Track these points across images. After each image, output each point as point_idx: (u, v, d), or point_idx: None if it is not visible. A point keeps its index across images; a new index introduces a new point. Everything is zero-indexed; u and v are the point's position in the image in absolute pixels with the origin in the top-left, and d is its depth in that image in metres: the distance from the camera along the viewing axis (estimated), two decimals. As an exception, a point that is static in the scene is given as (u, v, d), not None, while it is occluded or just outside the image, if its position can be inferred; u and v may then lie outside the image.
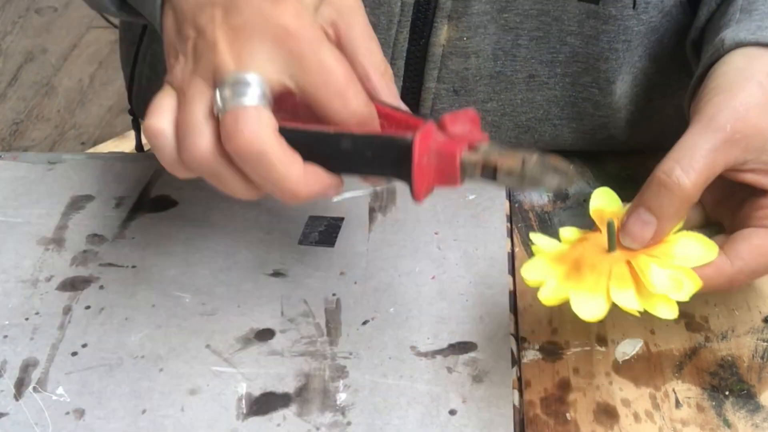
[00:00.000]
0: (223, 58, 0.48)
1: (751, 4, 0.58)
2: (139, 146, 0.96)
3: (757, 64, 0.54)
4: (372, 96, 0.50)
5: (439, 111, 0.68)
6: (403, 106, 0.52)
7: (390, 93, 0.51)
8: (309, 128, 0.49)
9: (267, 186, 0.49)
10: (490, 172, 0.48)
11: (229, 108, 0.47)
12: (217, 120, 0.48)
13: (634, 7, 0.64)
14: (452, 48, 0.66)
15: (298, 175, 0.48)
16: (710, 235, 0.53)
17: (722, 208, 0.56)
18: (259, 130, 0.47)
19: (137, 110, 0.87)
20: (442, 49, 0.66)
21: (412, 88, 0.68)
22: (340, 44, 0.51)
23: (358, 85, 0.49)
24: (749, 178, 0.53)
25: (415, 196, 0.48)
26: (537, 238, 0.55)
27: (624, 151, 0.74)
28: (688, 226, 0.54)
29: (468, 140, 0.49)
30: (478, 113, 0.50)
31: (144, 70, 0.82)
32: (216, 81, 0.48)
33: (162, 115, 0.49)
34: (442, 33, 0.65)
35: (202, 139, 0.48)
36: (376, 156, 0.49)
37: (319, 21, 0.49)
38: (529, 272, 0.53)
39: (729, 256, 0.52)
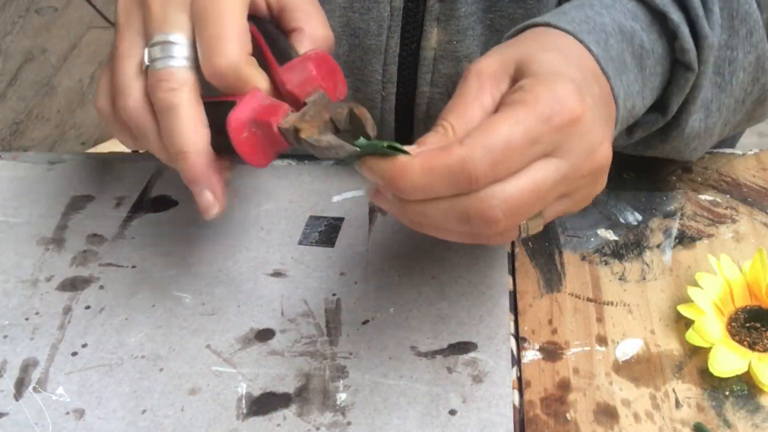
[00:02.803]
0: (154, 18, 0.52)
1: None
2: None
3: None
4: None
5: (434, 115, 0.68)
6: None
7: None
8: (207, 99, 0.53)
9: (169, 142, 0.52)
10: (297, 139, 0.50)
11: (156, 67, 0.51)
12: (144, 75, 0.52)
13: None
14: (443, 51, 0.66)
15: (194, 138, 0.51)
16: None
17: None
18: (177, 86, 0.51)
19: None
20: (433, 53, 0.66)
21: (405, 93, 0.68)
22: (270, 7, 0.54)
23: (237, 39, 0.51)
24: None
25: (252, 165, 0.52)
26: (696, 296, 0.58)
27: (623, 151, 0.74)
28: None
29: (301, 93, 0.51)
30: None
31: None
32: (146, 40, 0.53)
33: (102, 93, 0.55)
34: (433, 36, 0.65)
35: (133, 92, 0.52)
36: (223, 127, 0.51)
37: None
38: (721, 363, 0.55)
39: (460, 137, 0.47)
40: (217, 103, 0.52)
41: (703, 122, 0.62)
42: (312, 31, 0.54)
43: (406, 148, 0.46)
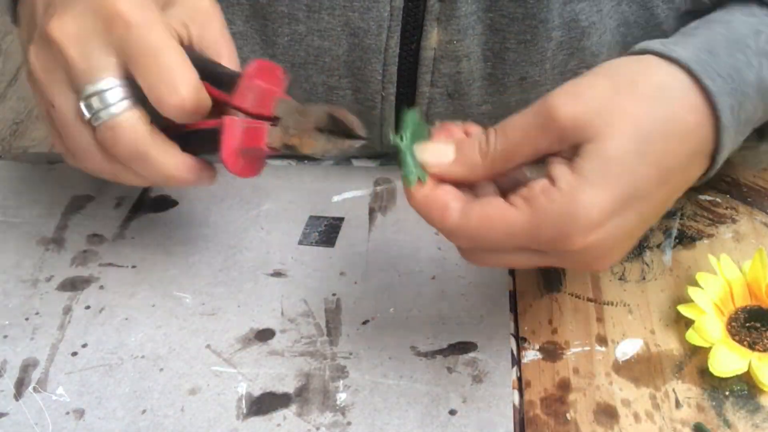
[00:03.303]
0: (76, 69, 0.50)
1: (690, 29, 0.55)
2: None
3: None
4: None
5: (434, 115, 0.68)
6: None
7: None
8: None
9: (151, 177, 0.52)
10: (288, 148, 0.52)
11: (100, 120, 0.50)
12: (90, 126, 0.51)
13: None
14: (443, 51, 0.66)
15: (175, 164, 0.52)
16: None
17: None
18: (135, 135, 0.50)
19: None
20: (433, 53, 0.66)
21: (406, 94, 0.68)
22: (192, 46, 0.53)
23: (186, 71, 0.50)
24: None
25: (248, 176, 0.54)
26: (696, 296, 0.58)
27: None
28: None
29: (266, 110, 0.52)
30: (473, 117, 0.51)
31: None
32: (77, 91, 0.51)
33: (56, 139, 0.54)
34: (433, 36, 0.65)
35: (90, 153, 0.52)
36: (212, 148, 0.52)
37: (167, 20, 0.51)
38: (721, 363, 0.55)
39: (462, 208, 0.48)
40: (189, 133, 0.53)
41: None
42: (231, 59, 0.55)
43: (438, 145, 0.49)
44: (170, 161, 0.52)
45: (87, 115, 0.51)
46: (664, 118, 0.47)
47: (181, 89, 0.49)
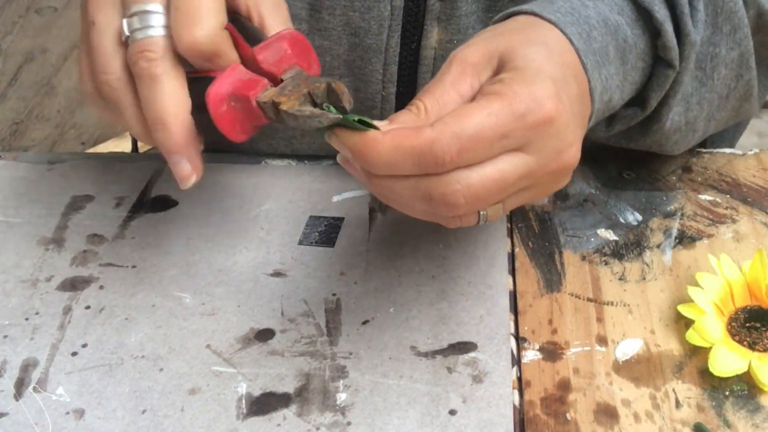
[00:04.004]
0: None
1: None
2: (134, 148, 0.96)
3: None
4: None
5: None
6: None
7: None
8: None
9: (151, 113, 0.52)
10: (276, 113, 0.50)
11: (137, 37, 0.51)
12: (125, 47, 0.52)
13: None
14: (443, 51, 0.66)
15: (176, 104, 0.52)
16: None
17: None
18: (157, 55, 0.51)
19: None
20: (433, 52, 0.66)
21: (406, 93, 0.68)
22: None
23: (212, 13, 0.51)
24: None
25: (230, 138, 0.52)
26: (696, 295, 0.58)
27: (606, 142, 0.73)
28: None
29: (278, 70, 0.51)
30: None
31: None
32: (123, 11, 0.52)
33: (84, 75, 0.54)
34: (433, 35, 0.65)
35: (113, 66, 0.53)
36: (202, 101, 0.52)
37: None
38: (721, 363, 0.55)
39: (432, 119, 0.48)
40: (195, 78, 0.52)
41: (683, 116, 0.62)
42: (281, 21, 0.54)
43: (377, 123, 0.47)
44: (174, 100, 0.51)
45: (126, 32, 0.52)
46: (547, 40, 0.52)
47: (198, 29, 0.50)
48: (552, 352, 0.57)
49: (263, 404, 0.55)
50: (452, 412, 0.54)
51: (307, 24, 0.65)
